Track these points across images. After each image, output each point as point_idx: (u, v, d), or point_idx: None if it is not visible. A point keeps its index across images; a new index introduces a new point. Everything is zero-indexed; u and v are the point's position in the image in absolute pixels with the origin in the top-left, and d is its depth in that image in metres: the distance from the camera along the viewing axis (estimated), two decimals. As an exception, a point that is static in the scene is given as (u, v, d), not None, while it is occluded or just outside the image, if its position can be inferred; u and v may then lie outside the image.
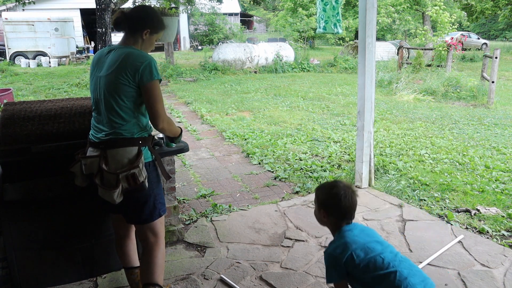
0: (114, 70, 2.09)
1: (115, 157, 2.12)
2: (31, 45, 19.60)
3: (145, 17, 2.22)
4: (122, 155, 2.12)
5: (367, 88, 4.13)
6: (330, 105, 9.17)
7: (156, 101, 2.11)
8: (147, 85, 2.09)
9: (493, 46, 18.38)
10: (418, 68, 13.04)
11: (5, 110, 2.52)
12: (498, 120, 7.65)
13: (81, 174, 2.22)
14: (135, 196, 2.17)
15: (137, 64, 2.08)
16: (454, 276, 2.76)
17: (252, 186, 4.51)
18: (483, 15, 20.88)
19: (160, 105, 2.13)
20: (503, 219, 3.56)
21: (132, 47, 2.19)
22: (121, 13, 2.22)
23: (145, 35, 2.21)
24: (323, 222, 1.95)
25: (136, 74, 2.07)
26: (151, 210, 2.25)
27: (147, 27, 2.20)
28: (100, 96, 2.16)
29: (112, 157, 2.12)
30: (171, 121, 2.28)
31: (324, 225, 1.97)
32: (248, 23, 41.19)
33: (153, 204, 2.25)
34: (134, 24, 2.20)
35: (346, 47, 21.26)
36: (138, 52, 2.14)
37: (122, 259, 2.47)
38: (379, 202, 3.99)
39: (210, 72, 14.91)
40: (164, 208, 2.35)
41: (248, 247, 3.16)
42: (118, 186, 2.07)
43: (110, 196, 2.08)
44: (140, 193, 2.16)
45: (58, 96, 10.83)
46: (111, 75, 2.10)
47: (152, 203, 2.25)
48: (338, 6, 4.34)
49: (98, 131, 2.18)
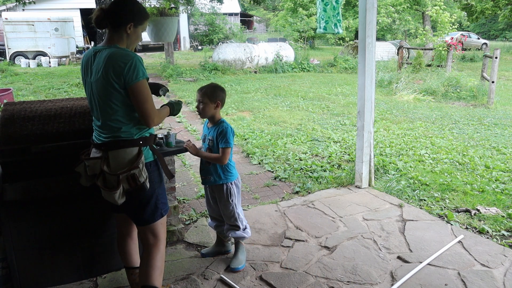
0: (101, 75, 2.03)
1: (116, 159, 2.10)
2: (31, 45, 19.59)
3: (126, 10, 2.12)
4: (122, 156, 2.10)
5: (367, 88, 4.13)
6: (330, 105, 9.17)
7: (144, 102, 2.04)
8: (132, 87, 2.01)
9: (493, 46, 18.37)
10: (418, 68, 13.04)
11: (5, 110, 2.51)
12: (498, 120, 7.65)
13: (86, 174, 2.22)
14: (137, 197, 2.15)
15: (120, 66, 2.00)
16: (454, 276, 2.76)
17: (252, 186, 4.51)
18: (483, 15, 20.86)
19: (148, 105, 2.05)
20: (503, 219, 3.57)
21: (116, 46, 2.09)
22: (100, 10, 2.12)
23: (129, 29, 2.12)
24: (212, 113, 2.69)
25: (121, 76, 2.00)
26: (152, 211, 2.23)
27: (130, 20, 2.10)
28: (94, 102, 2.13)
29: (113, 158, 2.10)
30: (161, 113, 2.22)
31: (211, 115, 2.70)
32: (248, 23, 41.17)
33: (155, 205, 2.23)
34: (115, 19, 2.10)
35: (346, 47, 21.26)
36: (121, 52, 2.05)
37: (123, 258, 2.47)
38: (379, 202, 3.99)
39: (210, 72, 14.91)
40: (167, 207, 2.33)
41: (248, 247, 3.16)
42: (119, 187, 2.05)
43: (112, 197, 2.06)
44: (142, 194, 2.14)
45: (58, 96, 10.83)
46: (99, 81, 2.05)
47: (154, 204, 2.23)
48: (338, 6, 4.35)
49: (99, 133, 2.17)
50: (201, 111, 2.70)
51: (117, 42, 2.12)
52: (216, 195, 2.83)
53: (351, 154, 5.40)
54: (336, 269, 2.85)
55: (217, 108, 2.70)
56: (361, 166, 4.32)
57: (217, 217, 2.94)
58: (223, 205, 2.80)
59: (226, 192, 2.76)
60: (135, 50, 2.28)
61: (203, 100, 2.66)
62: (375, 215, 3.71)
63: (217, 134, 2.68)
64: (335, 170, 4.89)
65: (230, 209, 2.78)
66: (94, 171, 2.15)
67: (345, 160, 5.28)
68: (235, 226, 2.82)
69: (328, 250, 3.12)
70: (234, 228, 2.83)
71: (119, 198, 2.07)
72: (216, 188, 2.79)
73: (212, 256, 3.04)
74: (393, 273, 2.81)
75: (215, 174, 2.75)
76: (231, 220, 2.81)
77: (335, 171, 4.85)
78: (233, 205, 2.78)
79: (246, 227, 2.87)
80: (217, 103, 2.68)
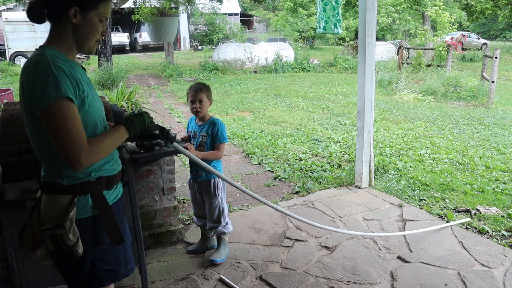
0: (20, 99, 1.48)
1: (44, 206, 1.52)
2: (31, 45, 19.54)
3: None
4: (50, 204, 1.51)
5: (367, 88, 4.13)
6: (330, 105, 9.17)
7: (60, 133, 1.38)
8: (42, 113, 1.38)
9: (493, 46, 18.38)
10: (418, 68, 13.04)
11: (5, 110, 2.51)
12: (498, 120, 7.65)
13: None
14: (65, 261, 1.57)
15: (27, 83, 1.41)
16: (454, 276, 2.76)
17: (252, 186, 4.51)
18: (483, 15, 20.85)
19: (66, 137, 1.38)
20: (503, 219, 3.57)
21: (48, 48, 1.46)
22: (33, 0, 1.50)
23: (74, 16, 1.46)
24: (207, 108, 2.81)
25: (31, 97, 1.40)
26: (87, 279, 1.59)
27: (71, 2, 1.45)
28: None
29: (43, 204, 1.52)
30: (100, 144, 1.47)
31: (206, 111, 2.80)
32: (248, 23, 41.18)
33: (89, 272, 1.58)
34: (52, 5, 1.47)
35: (346, 47, 21.26)
36: (33, 61, 1.43)
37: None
38: (379, 202, 3.99)
39: (210, 72, 14.91)
40: (114, 275, 1.64)
41: (248, 247, 3.16)
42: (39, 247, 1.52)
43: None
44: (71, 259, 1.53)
45: (58, 96, 10.81)
46: (21, 108, 1.50)
47: (88, 271, 1.58)
48: (338, 6, 4.35)
49: None
50: (200, 110, 2.80)
51: (59, 41, 1.49)
52: (203, 190, 2.91)
53: (351, 154, 5.40)
54: (336, 269, 2.86)
55: (210, 105, 2.89)
56: (361, 166, 4.32)
57: (202, 215, 3.02)
58: (210, 199, 2.89)
59: (214, 186, 2.86)
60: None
61: (203, 98, 2.79)
62: (375, 215, 3.71)
63: (211, 130, 2.81)
64: (335, 170, 4.89)
65: (216, 204, 2.88)
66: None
67: (345, 160, 5.28)
68: (218, 221, 2.90)
69: (328, 250, 3.12)
70: (215, 225, 2.91)
71: (43, 260, 1.54)
72: (204, 183, 2.89)
73: (198, 252, 3.09)
74: (393, 273, 2.81)
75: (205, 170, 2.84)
76: (215, 214, 2.89)
77: (335, 171, 4.85)
78: (219, 199, 2.89)
79: (227, 223, 2.97)
80: (211, 100, 2.86)
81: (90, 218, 1.56)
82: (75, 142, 1.39)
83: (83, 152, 1.40)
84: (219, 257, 2.94)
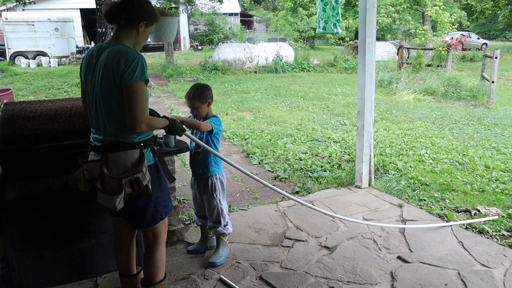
0: (104, 73, 1.96)
1: (116, 161, 2.01)
2: (31, 45, 19.59)
3: (141, 8, 2.07)
4: (123, 158, 2.02)
5: (367, 88, 4.13)
6: (330, 105, 9.17)
7: (134, 103, 1.92)
8: (128, 87, 1.92)
9: (493, 46, 18.37)
10: (418, 68, 13.04)
11: (5, 110, 2.52)
12: (498, 120, 7.65)
13: (84, 179, 2.14)
14: (137, 201, 2.08)
15: (122, 63, 1.92)
16: (454, 276, 2.76)
17: (252, 186, 4.51)
18: (483, 15, 20.87)
19: (138, 108, 1.92)
20: (503, 219, 3.56)
21: (120, 42, 2.03)
22: (113, 4, 2.05)
23: (141, 27, 2.08)
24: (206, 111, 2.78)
25: (120, 74, 1.91)
26: (152, 214, 2.17)
27: (143, 18, 2.06)
28: (95, 101, 2.04)
29: (113, 161, 2.02)
30: (152, 121, 2.06)
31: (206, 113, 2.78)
32: (248, 23, 41.17)
33: (155, 208, 2.16)
34: (130, 15, 2.04)
35: (346, 47, 21.26)
36: (126, 49, 1.98)
37: (121, 266, 2.39)
38: (379, 202, 3.99)
39: (210, 72, 14.91)
40: (168, 209, 2.25)
41: (248, 247, 3.16)
42: (120, 192, 1.97)
43: (112, 202, 1.97)
44: (142, 198, 2.07)
45: (58, 96, 10.83)
46: (102, 79, 1.97)
47: (153, 207, 2.15)
48: (338, 6, 4.35)
49: (97, 135, 2.09)
50: (197, 115, 2.81)
51: (124, 40, 2.05)
52: (202, 189, 2.92)
53: (351, 154, 5.40)
54: (336, 269, 2.86)
55: (209, 105, 2.83)
56: (361, 166, 4.32)
57: (203, 215, 3.02)
58: (208, 199, 2.89)
59: (211, 186, 2.86)
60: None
61: (195, 104, 2.76)
62: (375, 215, 3.71)
63: None
64: (335, 170, 4.89)
65: (214, 204, 2.88)
66: (92, 174, 2.07)
67: (345, 160, 5.28)
68: (217, 221, 2.90)
69: (328, 250, 3.12)
70: (215, 226, 2.91)
71: (119, 204, 1.98)
72: (202, 181, 2.89)
73: (198, 252, 3.09)
74: (393, 273, 2.81)
75: (203, 166, 2.86)
76: (214, 215, 2.89)
77: (335, 171, 4.85)
78: (217, 200, 2.88)
79: (227, 223, 2.96)
80: (208, 101, 2.79)
81: (153, 165, 2.14)
82: (143, 112, 1.94)
83: (144, 121, 1.95)
84: (218, 259, 2.93)
